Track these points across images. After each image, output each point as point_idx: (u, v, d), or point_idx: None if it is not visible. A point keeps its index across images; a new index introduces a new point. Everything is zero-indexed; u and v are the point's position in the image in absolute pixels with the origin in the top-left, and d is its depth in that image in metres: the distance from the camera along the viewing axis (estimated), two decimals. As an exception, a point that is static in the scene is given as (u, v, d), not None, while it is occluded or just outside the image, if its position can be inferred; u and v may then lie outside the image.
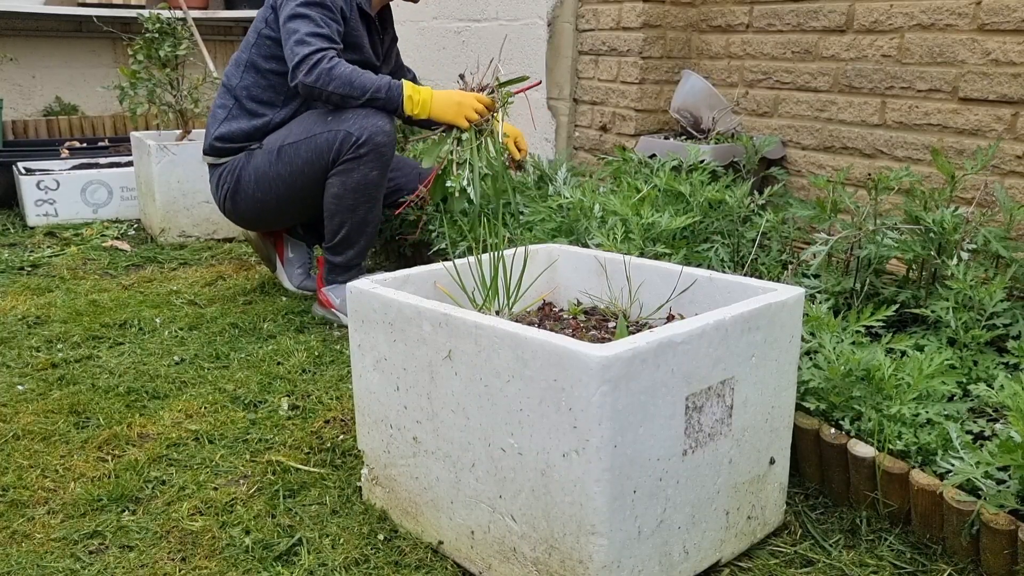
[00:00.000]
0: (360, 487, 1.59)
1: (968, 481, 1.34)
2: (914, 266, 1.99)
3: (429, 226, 2.66)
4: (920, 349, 1.73)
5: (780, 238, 2.16)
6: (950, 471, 1.37)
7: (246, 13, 5.27)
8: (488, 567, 1.34)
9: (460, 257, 1.61)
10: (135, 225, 3.74)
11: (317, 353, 2.28)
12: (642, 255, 1.99)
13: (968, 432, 1.49)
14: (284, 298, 2.76)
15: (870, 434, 1.50)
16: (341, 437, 1.81)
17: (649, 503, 1.21)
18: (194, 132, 3.68)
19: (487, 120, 2.27)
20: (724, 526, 1.36)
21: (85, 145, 4.59)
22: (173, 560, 1.40)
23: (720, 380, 1.27)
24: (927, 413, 1.49)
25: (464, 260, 1.59)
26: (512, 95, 2.32)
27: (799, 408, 1.58)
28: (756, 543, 1.45)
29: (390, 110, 2.40)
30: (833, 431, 1.53)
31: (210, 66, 4.98)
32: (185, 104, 3.57)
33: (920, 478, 1.39)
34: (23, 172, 3.76)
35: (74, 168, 3.88)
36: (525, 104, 3.50)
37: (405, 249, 2.91)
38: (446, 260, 1.60)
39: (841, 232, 1.96)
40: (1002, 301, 1.73)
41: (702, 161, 2.47)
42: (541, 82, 2.43)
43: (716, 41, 2.98)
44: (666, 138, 2.92)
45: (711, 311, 1.28)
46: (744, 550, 1.42)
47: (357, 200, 2.44)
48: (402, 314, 1.36)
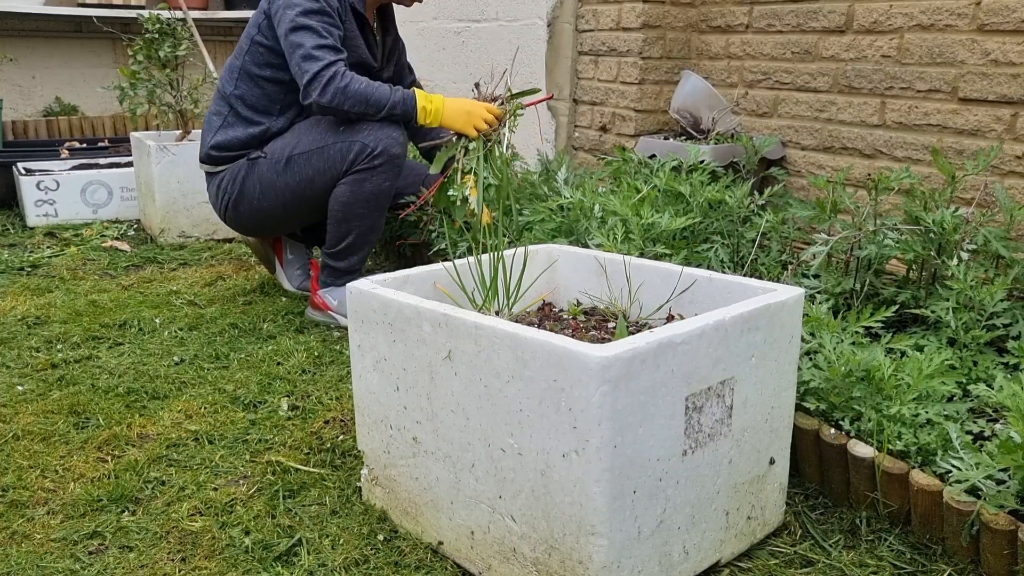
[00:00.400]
0: (360, 487, 1.59)
1: (968, 481, 1.34)
2: (914, 266, 1.99)
3: (429, 226, 2.66)
4: (920, 349, 1.73)
5: (780, 238, 2.16)
6: (950, 471, 1.37)
7: (246, 13, 5.26)
8: (488, 567, 1.33)
9: (460, 257, 1.61)
10: (135, 225, 3.74)
11: (317, 353, 2.28)
12: (642, 255, 1.99)
13: (968, 432, 1.49)
14: (284, 298, 2.76)
15: (870, 434, 1.50)
16: (341, 437, 1.81)
17: (649, 503, 1.21)
18: (194, 132, 3.68)
19: (496, 130, 2.28)
20: (724, 526, 1.36)
21: (85, 145, 4.59)
22: (173, 560, 1.40)
23: (720, 380, 1.27)
24: (927, 413, 1.49)
25: (464, 260, 1.59)
26: (523, 107, 2.32)
27: (799, 408, 1.58)
28: (756, 543, 1.45)
29: (405, 121, 2.40)
30: (833, 431, 1.53)
31: (210, 66, 4.98)
32: (185, 104, 3.57)
33: (920, 478, 1.39)
34: (23, 172, 3.76)
35: (74, 168, 3.88)
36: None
37: (405, 249, 2.91)
38: (446, 260, 1.60)
39: (841, 232, 1.96)
40: (1002, 301, 1.73)
41: (702, 161, 2.47)
42: (553, 96, 2.42)
43: (716, 41, 2.98)
44: (666, 138, 2.92)
45: (711, 311, 1.28)
46: (744, 550, 1.42)
47: (367, 209, 2.43)
48: (402, 314, 1.36)
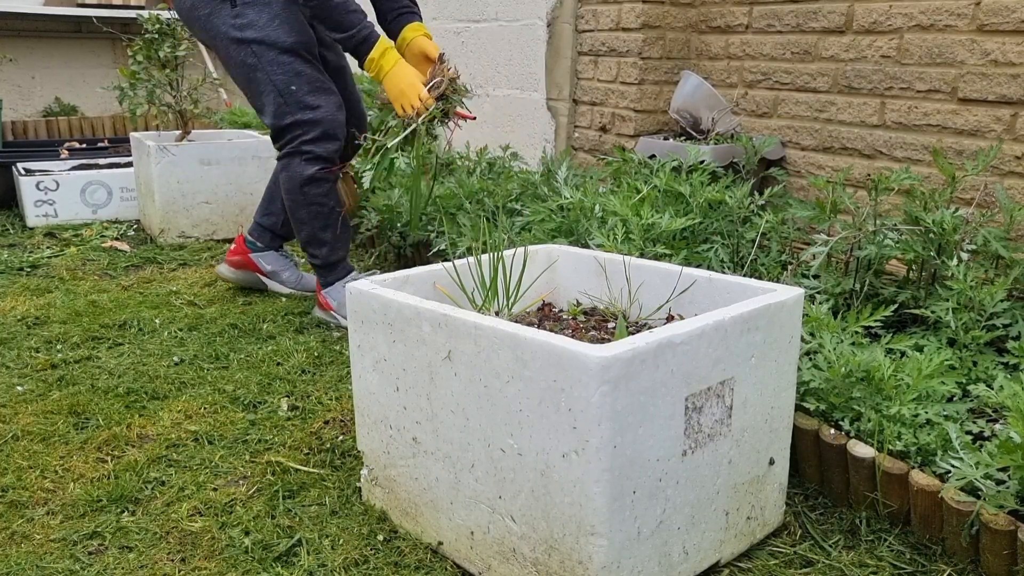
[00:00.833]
0: (360, 488, 1.59)
1: (968, 481, 1.34)
2: (914, 267, 1.99)
3: (429, 226, 2.66)
4: (920, 350, 1.73)
5: (780, 239, 2.16)
6: (950, 471, 1.37)
7: (246, 14, 5.25)
8: (488, 568, 1.33)
9: (460, 258, 1.61)
10: (134, 226, 3.74)
11: (317, 354, 2.28)
12: (642, 256, 1.99)
13: (968, 432, 1.49)
14: (283, 299, 2.76)
15: (870, 434, 1.50)
16: (341, 438, 1.81)
17: (649, 504, 1.20)
18: (194, 133, 3.68)
19: (421, 118, 2.22)
20: (724, 527, 1.36)
21: (85, 146, 4.60)
22: (172, 561, 1.40)
23: (720, 380, 1.27)
24: (927, 413, 1.49)
25: (464, 261, 1.59)
26: (451, 110, 2.28)
27: (799, 408, 1.58)
28: (756, 544, 1.45)
29: (353, 54, 2.34)
30: (833, 431, 1.53)
31: (209, 67, 4.98)
32: (185, 105, 3.57)
33: (920, 478, 1.39)
34: (23, 173, 3.76)
35: (74, 169, 3.88)
36: (527, 104, 3.50)
37: (405, 250, 2.91)
38: (446, 261, 1.60)
39: (841, 233, 1.96)
40: (1002, 301, 1.73)
41: (702, 162, 2.47)
42: (476, 118, 2.40)
43: (715, 42, 2.98)
44: (665, 139, 2.92)
45: (711, 312, 1.28)
46: (744, 551, 1.42)
47: (297, 203, 2.43)
48: (402, 315, 1.36)
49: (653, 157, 2.64)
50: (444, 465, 1.36)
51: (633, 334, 1.20)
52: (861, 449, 1.47)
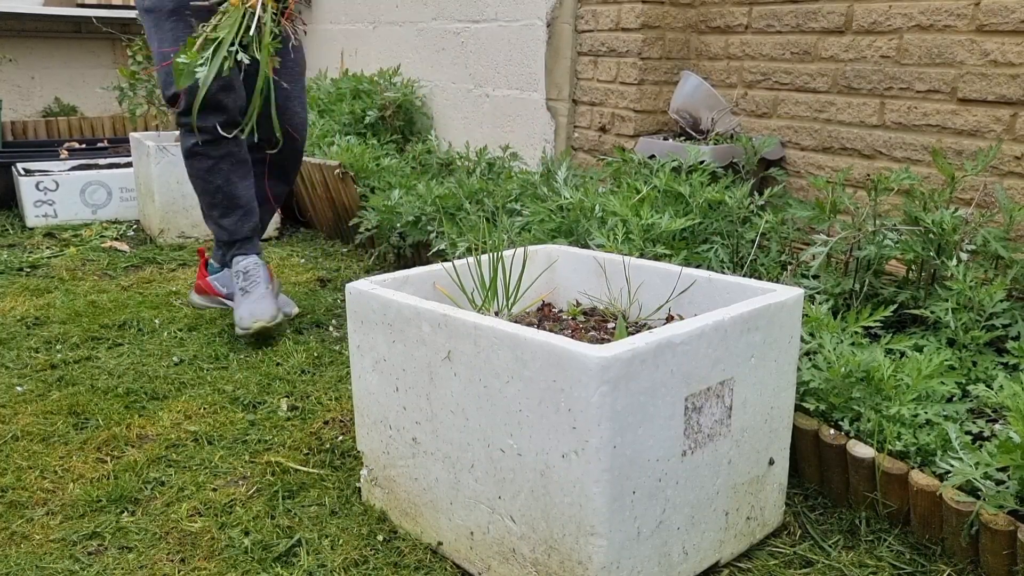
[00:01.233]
0: (359, 488, 1.59)
1: (967, 482, 1.34)
2: (914, 267, 1.99)
3: (428, 227, 2.65)
4: (919, 350, 1.73)
5: (779, 239, 2.16)
6: (949, 472, 1.37)
7: (245, 14, 5.26)
8: (487, 568, 1.33)
9: (460, 258, 1.61)
10: (134, 226, 3.74)
11: (316, 354, 2.28)
12: (642, 256, 1.99)
13: (967, 433, 1.49)
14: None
15: (869, 435, 1.50)
16: (340, 438, 1.81)
17: (648, 504, 1.20)
18: (193, 133, 3.68)
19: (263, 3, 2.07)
20: (723, 527, 1.36)
21: (84, 146, 4.59)
22: (172, 561, 1.40)
23: (719, 381, 1.27)
24: (926, 414, 1.49)
25: (463, 261, 1.59)
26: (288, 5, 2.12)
27: (798, 409, 1.58)
28: (755, 544, 1.45)
29: None
30: (832, 432, 1.53)
31: (209, 67, 4.98)
32: (184, 105, 3.56)
33: (919, 479, 1.39)
34: (22, 173, 3.76)
35: (73, 169, 3.88)
36: (527, 104, 3.50)
37: (405, 250, 2.91)
38: (445, 261, 1.59)
39: (840, 233, 1.96)
40: (1001, 302, 1.73)
41: (701, 162, 2.47)
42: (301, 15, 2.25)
43: (715, 42, 2.98)
44: (665, 139, 2.92)
45: (710, 312, 1.28)
46: (743, 551, 1.42)
47: (190, 174, 2.43)
48: (401, 315, 1.36)
49: (653, 157, 2.64)
50: (444, 465, 1.36)
51: (633, 334, 1.20)
52: (861, 449, 1.47)
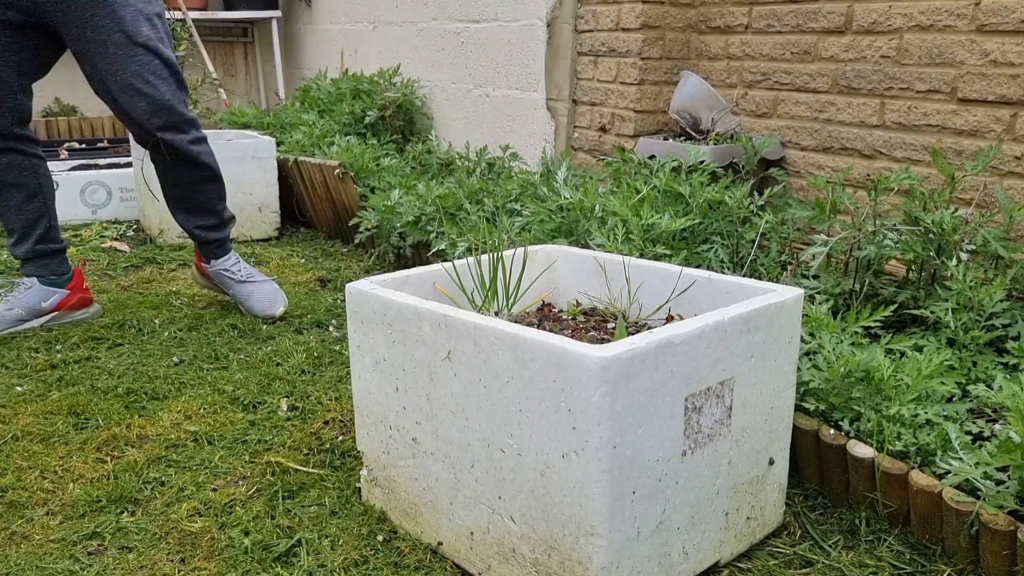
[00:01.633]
0: (359, 488, 1.59)
1: (967, 482, 1.34)
2: (913, 267, 1.99)
3: (428, 227, 2.66)
4: (919, 350, 1.73)
5: (779, 239, 2.16)
6: (949, 472, 1.37)
7: (245, 14, 5.27)
8: (487, 568, 1.33)
9: (460, 258, 1.61)
10: (134, 226, 3.74)
11: (316, 354, 2.28)
12: (642, 256, 1.99)
13: (967, 433, 1.49)
14: (283, 299, 2.75)
15: (869, 435, 1.50)
16: (340, 438, 1.81)
17: (648, 504, 1.20)
18: (193, 133, 3.68)
19: None
20: (723, 527, 1.36)
21: (84, 146, 4.59)
22: (172, 561, 1.40)
23: (719, 381, 1.27)
24: (926, 414, 1.49)
25: (463, 261, 1.59)
26: None
27: (798, 409, 1.58)
28: (755, 544, 1.45)
29: None
30: (832, 432, 1.53)
31: (209, 67, 4.98)
32: (184, 105, 3.56)
33: (919, 479, 1.39)
34: (22, 173, 3.75)
35: (73, 169, 3.88)
36: (527, 104, 3.50)
37: (405, 250, 2.91)
38: (445, 261, 1.59)
39: (840, 233, 1.96)
40: (1001, 302, 1.73)
41: (701, 162, 2.47)
42: None
43: (715, 42, 2.98)
44: (665, 139, 2.93)
45: (710, 312, 1.28)
46: (743, 551, 1.42)
47: None
48: (401, 315, 1.36)
49: (653, 157, 2.64)
50: (444, 465, 1.36)
51: (633, 334, 1.20)
52: (861, 449, 1.47)
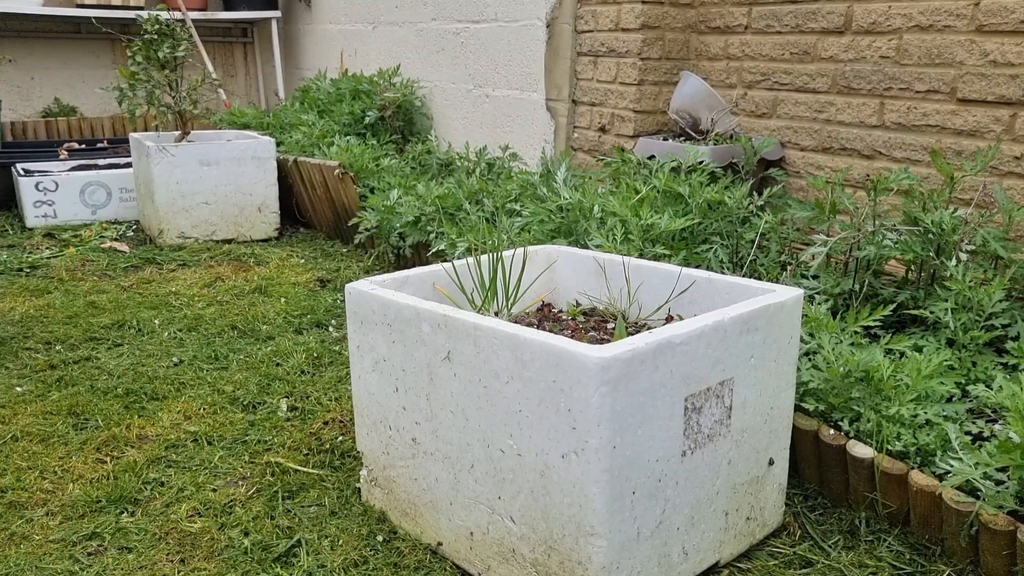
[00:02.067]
0: (359, 488, 1.59)
1: (967, 482, 1.34)
2: (913, 267, 1.99)
3: (428, 227, 2.66)
4: (919, 350, 1.73)
5: (779, 239, 2.16)
6: (949, 472, 1.37)
7: (245, 14, 5.27)
8: (487, 568, 1.33)
9: (460, 258, 1.61)
10: (134, 226, 3.74)
11: (316, 354, 2.28)
12: (641, 256, 1.99)
13: (967, 433, 1.49)
14: (283, 299, 2.75)
15: (869, 435, 1.50)
16: (340, 438, 1.81)
17: (648, 504, 1.20)
18: (193, 133, 3.68)
19: None
20: (723, 527, 1.36)
21: (84, 146, 4.59)
22: (172, 561, 1.40)
23: (719, 381, 1.27)
24: (926, 414, 1.49)
25: (463, 261, 1.59)
26: None
27: (798, 409, 1.58)
28: (755, 544, 1.45)
29: None
30: (832, 432, 1.53)
31: (209, 67, 4.98)
32: (184, 105, 3.56)
33: (919, 479, 1.39)
34: (22, 173, 3.75)
35: (73, 169, 3.88)
36: (526, 105, 3.50)
37: (404, 250, 2.91)
38: (445, 261, 1.59)
39: (840, 233, 1.96)
40: (1001, 302, 1.73)
41: (701, 162, 2.47)
42: None
43: (715, 42, 2.98)
44: (665, 139, 2.92)
45: (710, 312, 1.28)
46: (743, 551, 1.42)
47: None
48: (401, 315, 1.36)
49: (652, 158, 2.64)
50: (443, 466, 1.36)
51: (633, 335, 1.20)
52: (860, 449, 1.47)
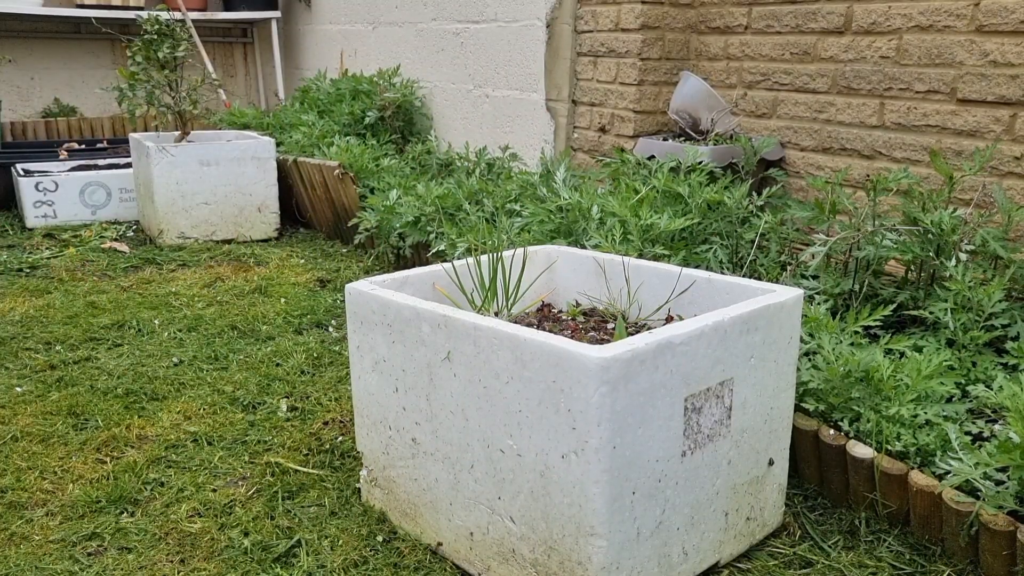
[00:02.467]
0: (359, 488, 1.59)
1: (967, 482, 1.34)
2: (913, 267, 1.99)
3: (428, 227, 2.66)
4: (919, 350, 1.73)
5: (779, 239, 2.16)
6: (949, 472, 1.37)
7: (245, 14, 5.27)
8: (487, 568, 1.33)
9: (459, 259, 1.61)
10: (134, 226, 3.74)
11: (316, 355, 2.28)
12: (641, 256, 1.99)
13: (967, 433, 1.49)
14: (283, 300, 2.75)
15: (869, 435, 1.50)
16: (340, 438, 1.81)
17: (648, 504, 1.20)
18: (193, 133, 3.68)
19: None
20: (723, 527, 1.36)
21: (84, 147, 4.59)
22: (172, 562, 1.40)
23: (719, 381, 1.27)
24: (926, 414, 1.49)
25: (463, 261, 1.59)
26: None
27: (798, 409, 1.58)
28: (755, 544, 1.45)
29: None
30: (832, 432, 1.53)
31: (209, 67, 4.98)
32: (184, 106, 3.56)
33: (919, 479, 1.39)
34: (22, 174, 3.75)
35: (73, 170, 3.88)
36: (526, 105, 3.50)
37: (404, 250, 2.91)
38: (445, 261, 1.59)
39: (840, 233, 1.96)
40: (1000, 302, 1.73)
41: (701, 162, 2.47)
42: None
43: (715, 42, 2.98)
44: (665, 139, 2.92)
45: (710, 312, 1.28)
46: (743, 551, 1.42)
47: None
48: (401, 315, 1.36)
49: (652, 158, 2.64)
50: (443, 466, 1.36)
51: (632, 335, 1.20)
52: (860, 450, 1.47)
